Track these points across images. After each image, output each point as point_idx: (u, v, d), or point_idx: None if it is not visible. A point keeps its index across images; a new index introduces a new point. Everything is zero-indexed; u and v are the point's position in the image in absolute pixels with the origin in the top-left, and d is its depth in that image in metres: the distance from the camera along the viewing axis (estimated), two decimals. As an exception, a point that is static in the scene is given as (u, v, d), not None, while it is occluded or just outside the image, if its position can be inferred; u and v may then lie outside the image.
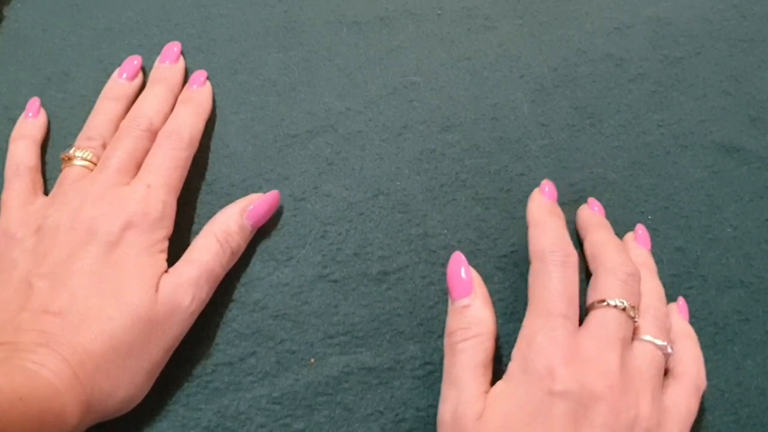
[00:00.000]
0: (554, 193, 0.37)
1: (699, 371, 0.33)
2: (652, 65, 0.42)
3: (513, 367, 0.31)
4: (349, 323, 0.36)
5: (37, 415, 0.28)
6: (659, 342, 0.32)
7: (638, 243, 0.37)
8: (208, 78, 0.40)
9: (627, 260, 0.34)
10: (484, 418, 0.30)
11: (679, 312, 0.36)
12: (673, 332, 0.34)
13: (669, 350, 0.32)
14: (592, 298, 0.33)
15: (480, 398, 0.31)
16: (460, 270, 0.34)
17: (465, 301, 0.33)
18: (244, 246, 0.36)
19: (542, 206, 0.36)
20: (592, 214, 0.37)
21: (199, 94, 0.39)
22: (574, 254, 0.33)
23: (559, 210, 0.36)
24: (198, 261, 0.34)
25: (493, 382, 0.32)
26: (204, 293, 0.34)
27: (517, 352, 0.32)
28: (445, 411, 0.31)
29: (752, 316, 0.36)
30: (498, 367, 0.35)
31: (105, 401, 0.30)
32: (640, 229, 0.38)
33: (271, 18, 0.43)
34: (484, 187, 0.39)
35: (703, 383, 0.33)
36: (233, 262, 0.36)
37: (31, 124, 0.39)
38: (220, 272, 0.35)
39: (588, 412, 0.29)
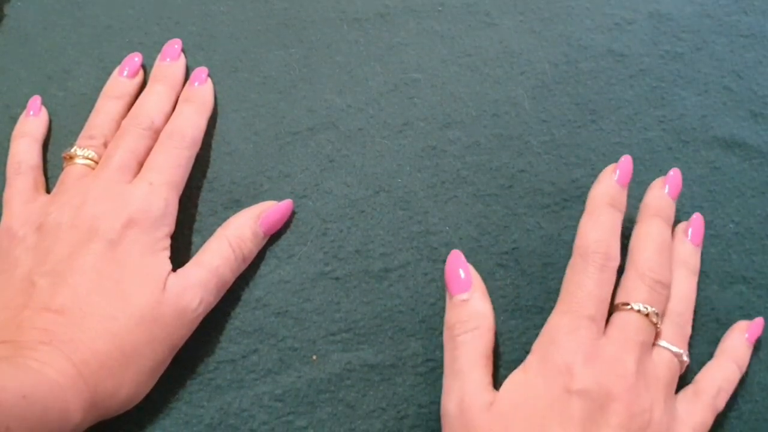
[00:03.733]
0: (627, 175, 0.35)
1: (720, 394, 0.33)
2: (653, 61, 0.42)
3: (532, 359, 0.32)
4: (350, 320, 0.36)
5: (41, 413, 0.28)
6: (674, 349, 0.32)
7: (689, 236, 0.36)
8: (209, 75, 0.40)
9: (660, 266, 0.33)
10: (496, 405, 0.30)
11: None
12: (722, 348, 0.35)
13: (684, 358, 0.32)
14: (618, 298, 0.33)
15: (486, 388, 0.31)
16: (459, 267, 0.34)
17: (464, 296, 0.33)
18: (255, 252, 0.36)
19: (606, 193, 0.34)
20: (656, 197, 0.35)
21: (201, 92, 0.39)
22: (615, 258, 0.33)
23: (622, 200, 0.34)
24: (209, 264, 0.34)
25: (494, 376, 0.32)
26: (212, 297, 0.34)
27: (538, 345, 0.32)
28: (450, 402, 0.31)
29: (754, 312, 0.36)
30: (499, 363, 0.35)
31: (108, 399, 0.30)
32: (696, 219, 0.36)
33: (272, 15, 0.43)
34: (485, 183, 0.39)
35: (721, 405, 0.33)
36: (244, 268, 0.36)
37: (32, 123, 0.39)
38: (230, 277, 0.35)
39: (603, 413, 0.29)
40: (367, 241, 0.37)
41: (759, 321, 0.35)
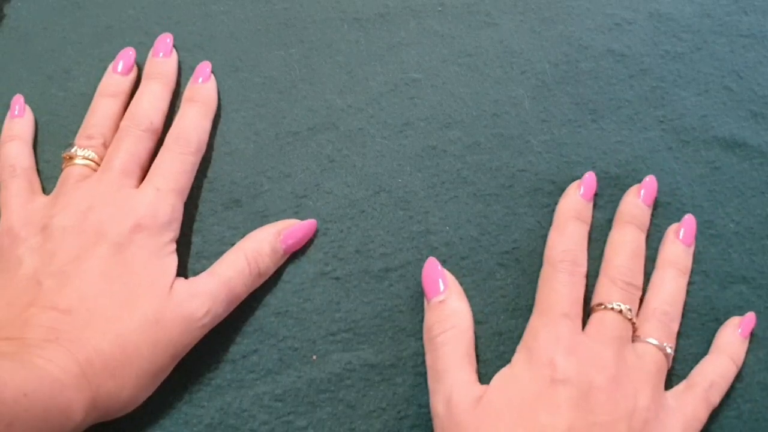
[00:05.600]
0: (591, 190, 0.37)
1: (713, 387, 0.34)
2: (653, 61, 0.42)
3: (518, 357, 0.33)
4: (350, 320, 0.36)
5: (42, 410, 0.28)
6: (656, 342, 0.33)
7: (680, 236, 0.37)
8: (212, 71, 0.40)
9: (631, 271, 0.35)
10: (485, 400, 0.31)
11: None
12: (716, 344, 0.35)
13: (669, 351, 0.33)
14: (593, 301, 0.34)
15: (472, 384, 0.32)
16: (434, 272, 0.35)
17: (440, 297, 0.34)
18: (273, 269, 0.36)
19: (571, 207, 0.36)
20: (630, 204, 0.37)
21: (205, 91, 0.39)
22: (582, 265, 0.35)
23: (587, 213, 0.37)
24: (221, 276, 0.34)
25: (491, 376, 0.32)
26: (221, 309, 0.34)
27: (522, 345, 0.33)
28: (438, 403, 0.32)
29: (754, 312, 0.36)
30: (498, 363, 0.35)
31: (109, 400, 0.30)
32: (688, 219, 0.37)
33: (272, 15, 0.43)
34: (485, 183, 0.39)
35: (714, 400, 0.34)
36: (259, 284, 0.35)
37: (18, 124, 0.39)
38: (242, 291, 0.34)
39: (588, 401, 0.30)
40: (367, 241, 0.37)
41: (750, 315, 0.36)
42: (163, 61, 0.40)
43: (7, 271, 0.33)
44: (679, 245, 0.36)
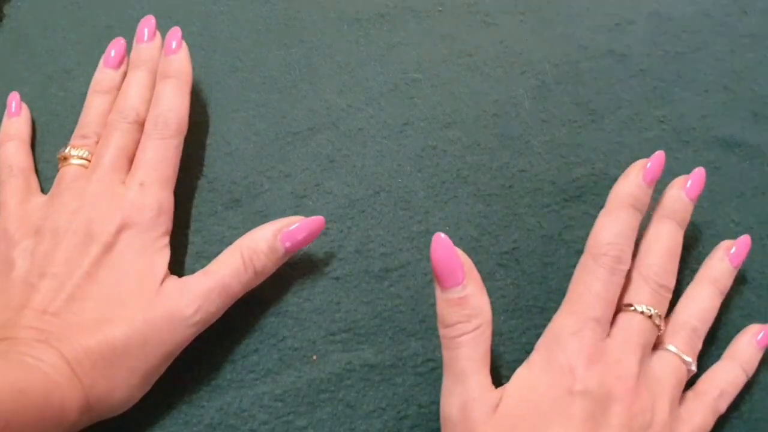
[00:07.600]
0: (658, 171, 0.33)
1: (722, 396, 0.33)
2: (653, 61, 0.42)
3: (536, 358, 0.32)
4: (350, 320, 0.36)
5: (38, 408, 0.28)
6: (685, 357, 0.32)
7: (728, 255, 0.35)
8: (182, 37, 0.38)
9: (665, 271, 0.33)
10: (500, 409, 0.30)
11: (758, 339, 0.35)
12: (730, 351, 0.34)
13: (693, 368, 0.32)
14: (622, 299, 0.33)
15: (488, 390, 0.31)
16: (448, 254, 0.30)
17: (459, 291, 0.30)
18: (272, 268, 0.35)
19: (628, 191, 0.33)
20: (671, 198, 0.34)
21: (177, 63, 0.37)
22: (626, 262, 0.32)
23: (645, 200, 0.33)
24: (215, 274, 0.33)
25: (493, 375, 0.32)
26: (214, 307, 0.33)
27: (542, 344, 0.32)
28: (452, 406, 0.31)
29: (754, 312, 0.36)
30: (499, 363, 0.35)
31: (102, 400, 0.30)
32: (743, 240, 0.35)
33: (272, 15, 0.43)
34: (485, 183, 0.39)
35: (722, 408, 0.33)
36: (258, 282, 0.35)
37: (15, 124, 0.39)
38: (237, 289, 0.34)
39: (605, 413, 0.29)
40: (367, 241, 0.37)
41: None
42: (146, 47, 0.38)
43: (2, 273, 0.33)
44: (726, 264, 0.35)
